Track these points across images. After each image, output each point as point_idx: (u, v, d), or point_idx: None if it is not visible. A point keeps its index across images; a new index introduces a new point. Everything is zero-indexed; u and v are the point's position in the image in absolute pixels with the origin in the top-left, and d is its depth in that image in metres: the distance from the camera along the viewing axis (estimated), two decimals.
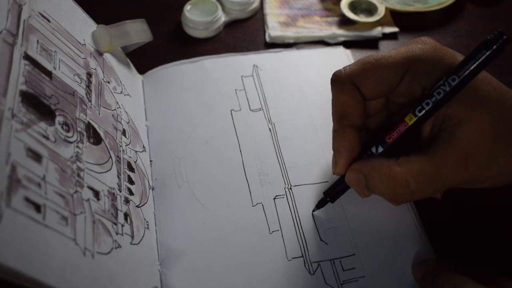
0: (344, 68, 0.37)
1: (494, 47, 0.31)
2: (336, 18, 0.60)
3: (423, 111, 0.34)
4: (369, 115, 0.39)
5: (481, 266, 0.40)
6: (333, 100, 0.38)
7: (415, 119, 0.34)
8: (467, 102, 0.33)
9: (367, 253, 0.40)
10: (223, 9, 0.60)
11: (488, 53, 0.31)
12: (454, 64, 0.34)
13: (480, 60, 0.32)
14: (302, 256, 0.40)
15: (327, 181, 0.44)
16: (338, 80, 0.37)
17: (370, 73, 0.36)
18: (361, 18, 0.58)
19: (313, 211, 0.42)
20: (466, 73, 0.32)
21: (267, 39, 0.58)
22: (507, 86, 0.35)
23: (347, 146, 0.37)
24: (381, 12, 0.58)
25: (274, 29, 0.58)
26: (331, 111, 0.38)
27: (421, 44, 0.36)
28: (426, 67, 0.35)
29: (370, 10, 0.59)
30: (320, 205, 0.42)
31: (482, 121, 0.33)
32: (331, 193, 0.40)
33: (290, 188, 0.44)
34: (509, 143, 0.34)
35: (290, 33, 0.58)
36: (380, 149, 0.36)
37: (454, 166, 0.33)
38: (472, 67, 0.32)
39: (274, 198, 0.44)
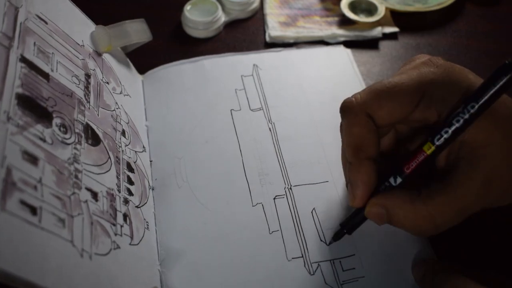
0: (355, 97, 0.36)
1: None
2: (336, 18, 0.59)
3: (442, 140, 0.32)
4: None
5: (481, 266, 0.40)
6: (346, 131, 0.36)
7: (433, 148, 0.33)
8: (484, 126, 0.32)
9: (367, 253, 0.40)
10: (223, 9, 0.59)
11: (507, 78, 0.30)
12: (470, 87, 0.33)
13: (499, 86, 0.30)
14: (302, 256, 0.40)
15: (327, 181, 0.44)
16: (350, 111, 0.35)
17: (384, 102, 0.35)
18: (361, 18, 0.58)
19: (329, 243, 0.40)
20: (485, 99, 0.31)
21: (267, 39, 0.58)
22: None
23: (365, 180, 0.35)
24: (381, 12, 0.57)
25: (274, 29, 0.58)
26: (338, 129, 0.37)
27: (433, 67, 0.35)
28: (441, 92, 0.34)
29: (370, 10, 0.59)
30: (337, 237, 0.40)
31: (500, 145, 0.32)
32: (349, 225, 0.39)
33: (290, 188, 0.44)
34: None
35: (290, 33, 0.58)
36: (399, 180, 0.35)
37: (477, 195, 0.32)
38: (491, 93, 0.31)
39: (274, 198, 0.43)
